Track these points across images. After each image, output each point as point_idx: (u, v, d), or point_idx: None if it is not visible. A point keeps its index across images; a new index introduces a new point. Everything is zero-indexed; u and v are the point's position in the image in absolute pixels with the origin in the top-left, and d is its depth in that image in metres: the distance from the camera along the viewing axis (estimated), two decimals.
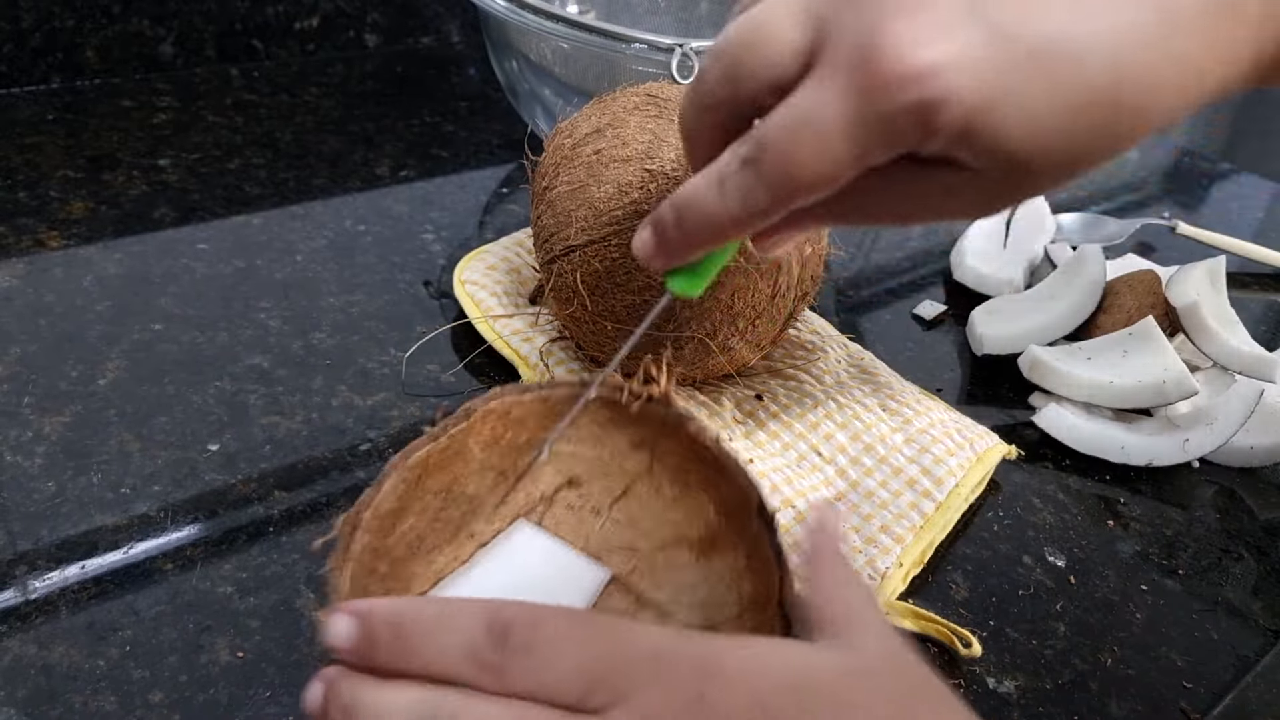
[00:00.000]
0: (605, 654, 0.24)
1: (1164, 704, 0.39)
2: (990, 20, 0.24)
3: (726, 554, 0.35)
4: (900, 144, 0.25)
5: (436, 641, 0.25)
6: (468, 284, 0.54)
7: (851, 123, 0.24)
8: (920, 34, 0.23)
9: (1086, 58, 0.23)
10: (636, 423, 0.37)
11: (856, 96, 0.24)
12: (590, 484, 0.38)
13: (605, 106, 0.47)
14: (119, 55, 0.74)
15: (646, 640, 0.25)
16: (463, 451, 0.37)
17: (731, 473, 0.34)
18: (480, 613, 0.25)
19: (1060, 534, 0.46)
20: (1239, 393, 0.52)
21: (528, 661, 0.24)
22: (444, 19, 0.89)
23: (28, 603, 0.36)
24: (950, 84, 0.23)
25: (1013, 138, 0.24)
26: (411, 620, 0.25)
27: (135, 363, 0.48)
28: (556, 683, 0.24)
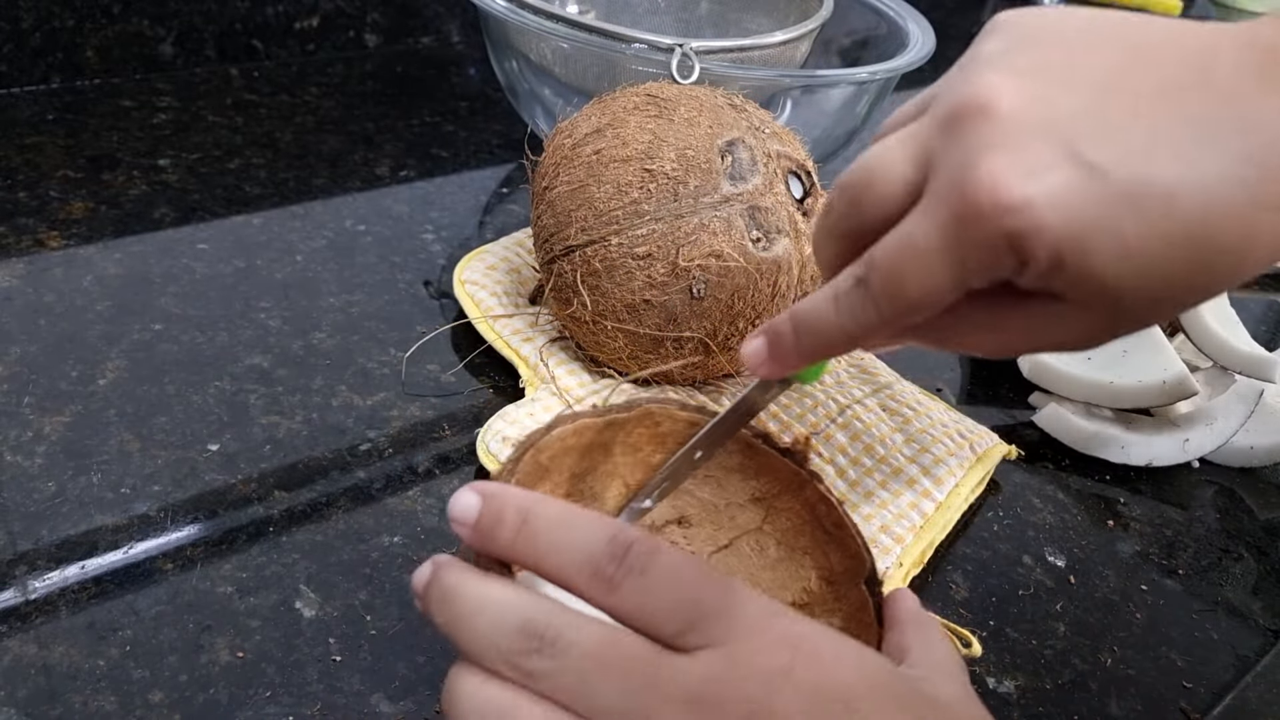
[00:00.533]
0: (712, 598, 0.25)
1: (1164, 704, 0.39)
2: (1087, 161, 0.25)
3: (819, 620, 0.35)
4: (996, 270, 0.26)
5: (560, 539, 0.26)
6: (468, 284, 0.54)
7: (949, 248, 0.26)
8: (1015, 169, 0.25)
9: (1177, 197, 0.24)
10: (761, 475, 0.38)
11: (954, 224, 0.26)
12: (699, 527, 0.39)
13: (605, 106, 0.47)
14: (119, 55, 0.74)
15: (754, 601, 0.26)
16: (608, 447, 0.38)
17: (847, 539, 0.35)
18: (605, 526, 0.26)
19: (1060, 534, 0.46)
20: (1239, 393, 0.52)
21: (640, 582, 0.25)
22: (444, 19, 0.89)
23: (28, 603, 0.36)
24: (1041, 217, 0.25)
25: (1105, 270, 0.25)
26: (538, 514, 0.26)
27: (135, 363, 0.48)
28: (660, 611, 0.25)
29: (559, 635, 0.24)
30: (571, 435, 0.36)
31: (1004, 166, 0.25)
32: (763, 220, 0.44)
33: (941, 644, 0.31)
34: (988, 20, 0.29)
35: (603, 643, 0.24)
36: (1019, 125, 0.26)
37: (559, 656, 0.24)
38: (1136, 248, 0.25)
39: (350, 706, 0.34)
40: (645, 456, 0.39)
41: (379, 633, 0.37)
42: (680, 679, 0.24)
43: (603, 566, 0.25)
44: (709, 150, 0.44)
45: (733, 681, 0.24)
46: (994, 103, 0.26)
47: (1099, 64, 0.27)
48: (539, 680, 0.24)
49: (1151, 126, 0.25)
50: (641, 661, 0.24)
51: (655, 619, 0.25)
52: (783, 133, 0.48)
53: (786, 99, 0.66)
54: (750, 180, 0.44)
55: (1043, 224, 0.25)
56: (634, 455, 0.39)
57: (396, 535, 0.41)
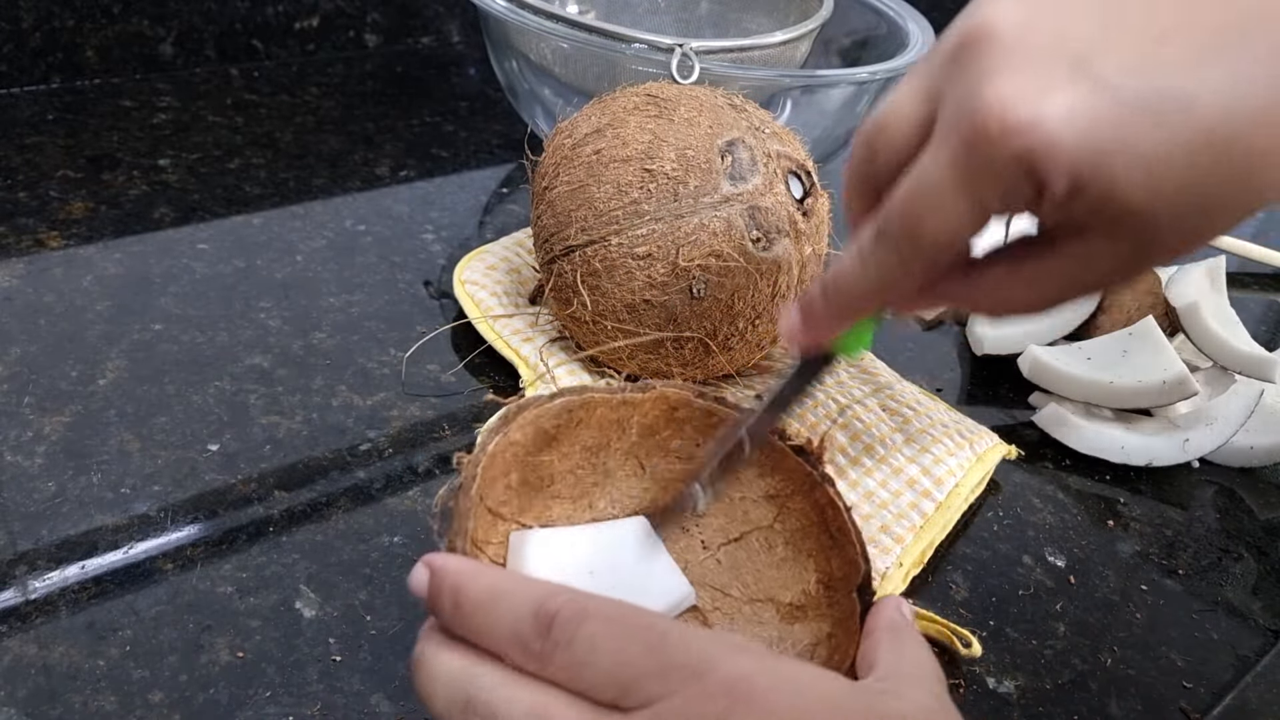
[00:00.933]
0: (642, 659, 0.25)
1: (1164, 704, 0.39)
2: (1094, 74, 0.24)
3: (811, 623, 0.36)
4: (1013, 198, 0.25)
5: (487, 618, 0.26)
6: (468, 284, 0.54)
7: (962, 180, 0.25)
8: (1022, 90, 0.24)
9: (1195, 101, 0.23)
10: (778, 474, 0.38)
11: (965, 154, 0.25)
12: (711, 518, 0.40)
13: (605, 106, 0.47)
14: (119, 55, 0.73)
15: (687, 649, 0.25)
16: (623, 425, 0.38)
17: (848, 544, 0.35)
18: (530, 598, 0.26)
19: (1060, 534, 0.46)
20: (1239, 393, 0.52)
21: (567, 655, 0.25)
22: (444, 19, 0.89)
23: (28, 603, 0.36)
24: (1052, 135, 0.24)
25: (1129, 188, 0.24)
26: (466, 595, 0.27)
27: (135, 363, 0.48)
28: (593, 680, 0.25)
29: (491, 710, 0.25)
30: (580, 407, 0.37)
31: (1011, 88, 0.24)
32: (763, 220, 0.44)
33: (913, 652, 0.31)
34: None
35: (533, 713, 0.25)
36: (1024, 45, 0.25)
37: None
38: (1158, 163, 0.23)
39: (350, 706, 0.34)
40: (663, 440, 0.39)
41: (379, 633, 0.37)
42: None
43: (530, 643, 0.25)
44: (709, 150, 0.44)
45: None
46: (996, 27, 0.25)
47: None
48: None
49: (1164, 33, 0.24)
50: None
51: (590, 689, 0.25)
52: (783, 133, 0.48)
53: (786, 99, 0.66)
54: (750, 180, 0.44)
55: (1056, 142, 0.24)
56: (651, 438, 0.39)
57: (396, 535, 0.41)
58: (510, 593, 0.26)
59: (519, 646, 0.25)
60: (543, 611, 0.25)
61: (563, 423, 0.37)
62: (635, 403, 0.38)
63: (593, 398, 0.37)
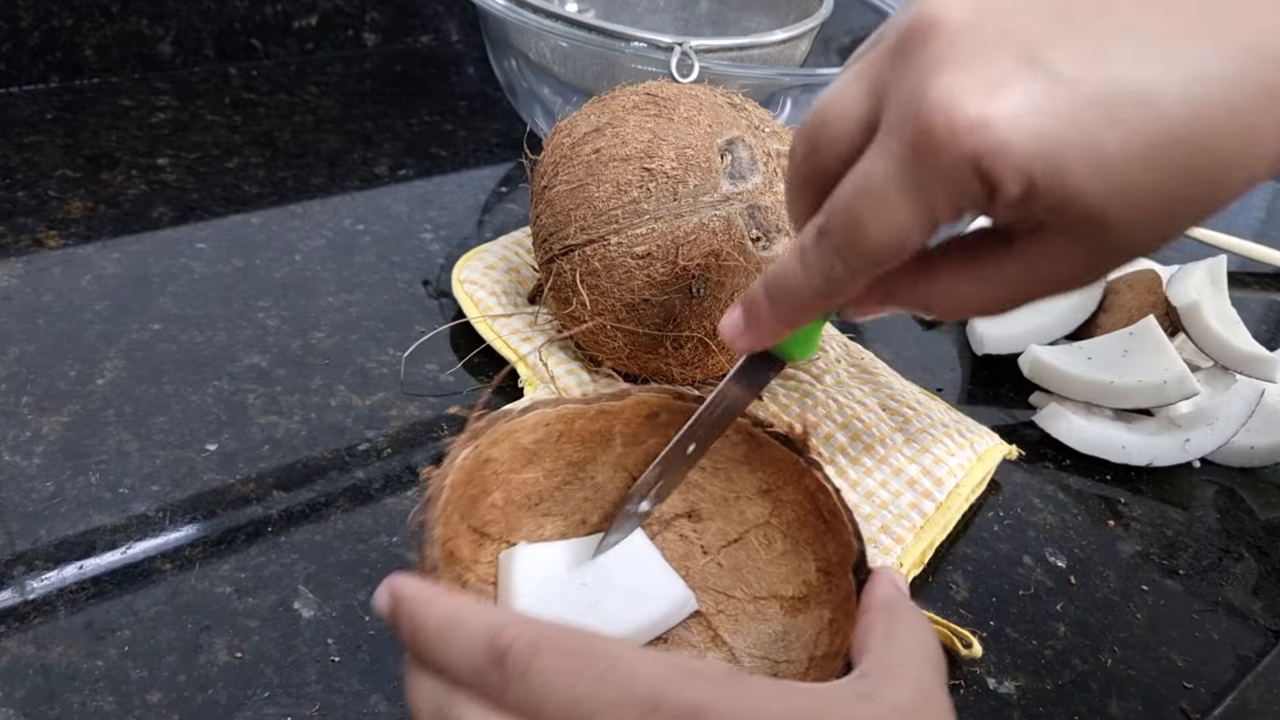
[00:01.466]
0: (595, 694, 0.24)
1: (1164, 704, 0.39)
2: (1048, 69, 0.22)
3: (814, 612, 0.36)
4: (963, 201, 0.24)
5: (443, 648, 0.26)
6: (466, 283, 0.54)
7: (908, 183, 0.24)
8: (970, 87, 0.22)
9: (1157, 97, 0.22)
10: (768, 467, 0.38)
11: (910, 155, 0.24)
12: (709, 521, 0.40)
13: (604, 105, 0.47)
14: (117, 54, 0.73)
15: (640, 680, 0.24)
16: (608, 437, 0.38)
17: (841, 525, 0.35)
18: (483, 629, 0.25)
19: (1060, 534, 0.46)
20: (1239, 393, 0.52)
21: (522, 688, 0.24)
22: (443, 18, 0.89)
23: (26, 603, 0.36)
24: (1003, 134, 0.22)
25: (1085, 187, 0.22)
26: (421, 626, 0.26)
27: (134, 362, 0.48)
28: (548, 713, 0.24)
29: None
30: (557, 421, 0.36)
31: (958, 84, 0.22)
32: (762, 219, 0.44)
33: (907, 637, 0.29)
34: None
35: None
36: (972, 38, 0.23)
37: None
38: (1118, 160, 0.22)
39: (349, 707, 0.34)
40: (650, 448, 0.39)
41: (378, 633, 0.37)
42: None
43: (487, 675, 0.25)
44: (708, 149, 0.44)
45: None
46: (943, 17, 0.23)
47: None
48: None
49: (1124, 26, 0.22)
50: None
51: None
52: (782, 131, 0.48)
53: (786, 98, 0.66)
54: (750, 179, 0.44)
55: (1006, 142, 0.22)
56: (637, 447, 0.39)
57: (395, 535, 0.41)
58: (463, 622, 0.26)
59: (476, 678, 0.25)
60: (496, 644, 0.25)
61: (541, 437, 0.36)
62: (614, 411, 0.37)
63: (568, 409, 0.36)
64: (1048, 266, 0.25)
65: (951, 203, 0.24)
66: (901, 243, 0.25)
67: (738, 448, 0.39)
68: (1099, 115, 0.22)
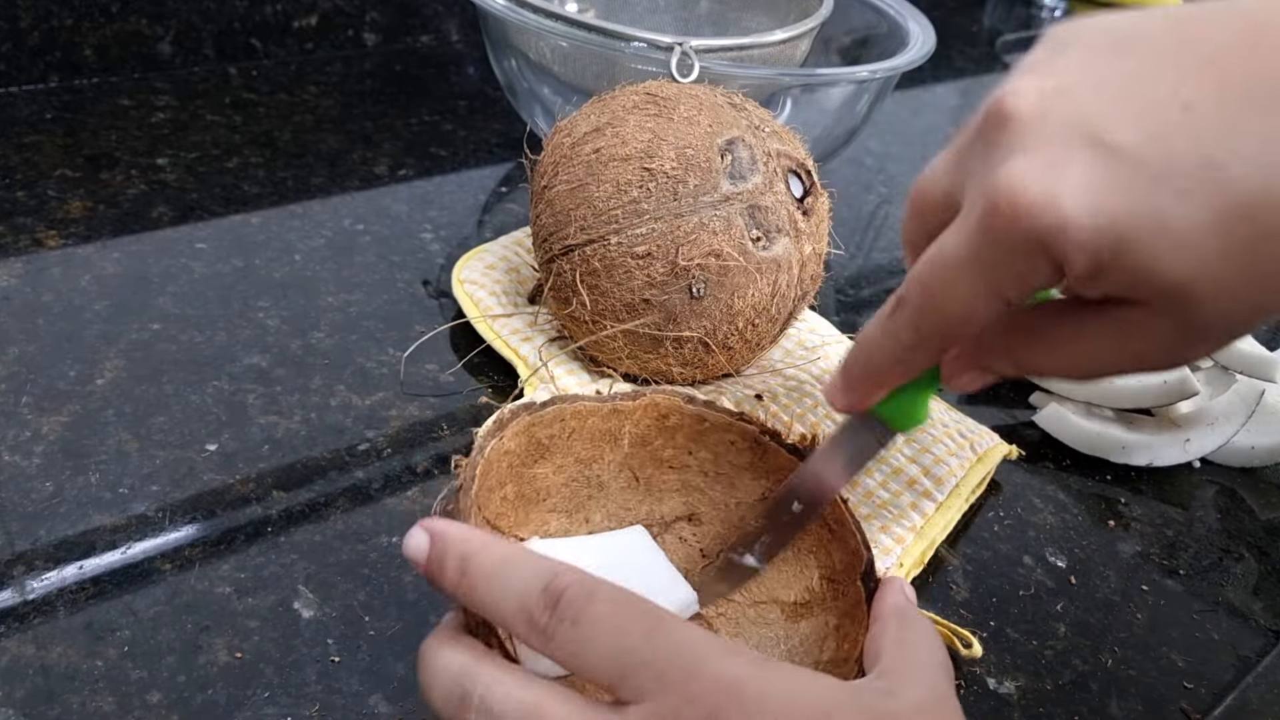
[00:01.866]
0: (639, 649, 0.25)
1: (1164, 704, 0.39)
2: (1112, 147, 0.23)
3: (816, 619, 0.36)
4: (1032, 278, 0.25)
5: (495, 588, 0.26)
6: (466, 283, 0.54)
7: (976, 259, 0.25)
8: (1035, 169, 0.23)
9: (1225, 167, 0.22)
10: (771, 475, 0.38)
11: (980, 233, 0.25)
12: (709, 525, 0.40)
13: (604, 105, 0.47)
14: (117, 54, 0.73)
15: (681, 645, 0.25)
16: (617, 436, 0.38)
17: (848, 534, 0.35)
18: (540, 572, 0.26)
19: (1061, 534, 0.46)
20: (1240, 393, 0.52)
21: (573, 632, 0.25)
22: (443, 18, 0.89)
23: (25, 603, 0.36)
24: (1066, 213, 0.23)
25: (1160, 264, 0.23)
26: (477, 562, 0.26)
27: (133, 362, 0.48)
28: (593, 662, 0.25)
29: (486, 706, 0.25)
30: (572, 417, 0.37)
31: (1023, 168, 0.24)
32: (762, 219, 0.44)
33: (919, 643, 0.30)
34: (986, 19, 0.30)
35: (525, 708, 0.25)
36: (1040, 123, 0.24)
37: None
38: (1190, 233, 0.22)
39: (349, 707, 0.34)
40: (655, 450, 0.39)
41: (378, 633, 0.37)
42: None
43: (537, 616, 0.25)
44: (709, 149, 0.44)
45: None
46: (1015, 106, 0.25)
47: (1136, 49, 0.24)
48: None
49: (1188, 102, 0.23)
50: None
51: (589, 668, 0.25)
52: (783, 131, 0.48)
53: (786, 98, 0.66)
54: (750, 179, 0.44)
55: (1069, 220, 0.23)
56: (644, 448, 0.39)
57: (395, 535, 0.41)
58: (521, 564, 0.26)
59: (525, 618, 0.25)
60: (552, 587, 0.25)
61: (555, 433, 0.36)
62: (626, 411, 0.38)
63: (584, 406, 0.37)
64: (1138, 339, 0.26)
65: (1018, 280, 0.25)
66: (968, 316, 0.27)
67: (743, 454, 0.39)
68: (1165, 190, 0.22)
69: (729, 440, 0.39)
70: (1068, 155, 0.23)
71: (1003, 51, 1.10)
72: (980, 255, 0.25)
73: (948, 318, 0.27)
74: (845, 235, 0.69)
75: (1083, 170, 0.23)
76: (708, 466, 0.39)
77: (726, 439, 0.39)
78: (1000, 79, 0.27)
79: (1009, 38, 1.14)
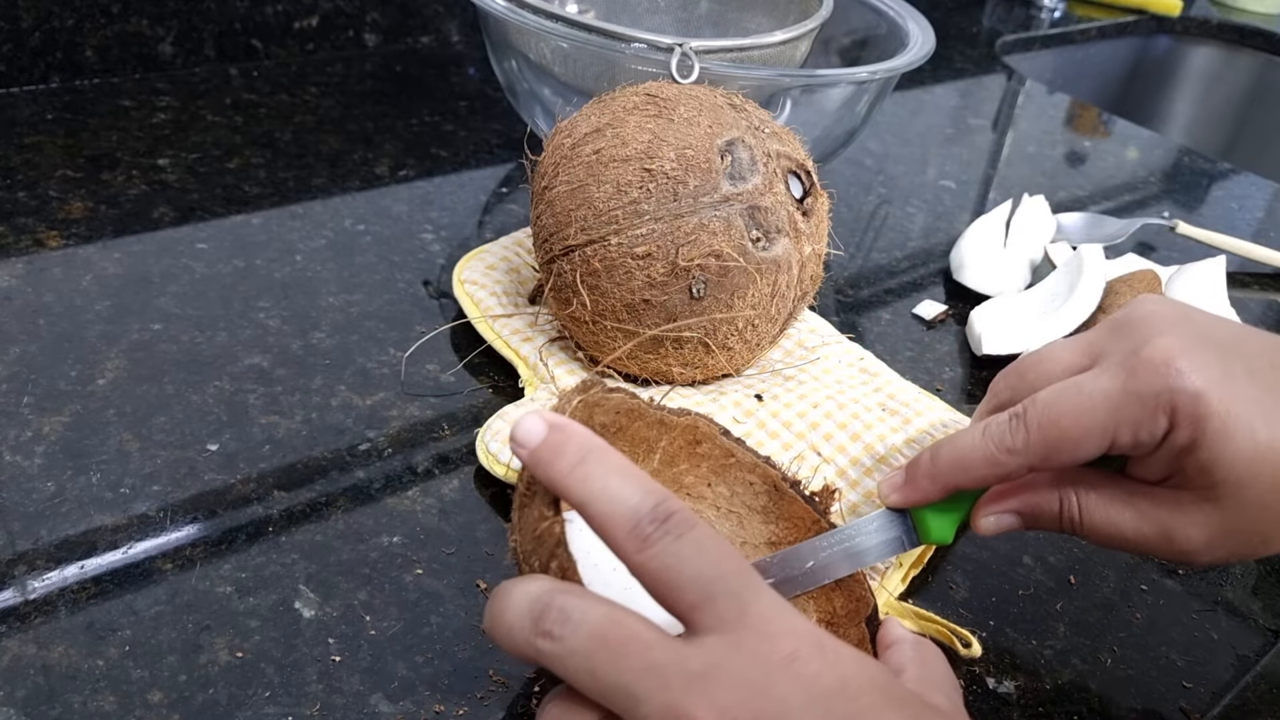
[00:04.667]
0: (734, 581, 0.26)
1: (1164, 704, 0.39)
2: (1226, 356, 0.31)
3: None
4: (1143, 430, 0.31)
5: (611, 487, 0.27)
6: (467, 284, 0.54)
7: (1115, 390, 0.31)
8: (1178, 347, 0.31)
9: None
10: (783, 521, 0.39)
11: (1124, 374, 0.31)
12: None
13: (604, 106, 0.47)
14: (118, 55, 0.73)
15: (770, 595, 0.27)
16: (651, 447, 0.39)
17: (854, 584, 0.37)
18: (657, 489, 0.27)
19: (1060, 534, 0.46)
20: None
21: (672, 546, 0.26)
22: (443, 18, 0.89)
23: (27, 603, 0.36)
24: (1195, 382, 0.30)
25: (1229, 457, 0.30)
26: (599, 458, 0.27)
27: (134, 362, 0.48)
28: (684, 578, 0.26)
29: (567, 617, 0.25)
30: (626, 414, 0.37)
31: (1172, 344, 0.31)
32: (762, 220, 0.44)
33: (937, 664, 0.32)
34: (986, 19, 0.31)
35: (607, 621, 0.25)
36: (1182, 327, 0.32)
37: (568, 637, 0.25)
38: (1265, 445, 0.29)
39: (349, 707, 0.34)
40: (679, 474, 0.40)
41: (378, 633, 0.37)
42: (682, 663, 0.25)
43: (643, 524, 0.26)
44: (709, 150, 0.44)
45: (735, 667, 0.25)
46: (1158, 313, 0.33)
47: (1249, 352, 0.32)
48: (552, 663, 0.25)
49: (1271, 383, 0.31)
50: (644, 644, 0.25)
51: (677, 585, 0.26)
52: (782, 132, 0.48)
53: (786, 98, 0.66)
54: (750, 180, 0.44)
55: (1200, 391, 0.30)
56: (670, 468, 0.39)
57: (396, 535, 0.41)
58: (639, 476, 0.27)
59: (630, 522, 0.26)
60: (665, 504, 0.26)
61: (609, 423, 0.37)
62: (669, 424, 0.39)
63: (637, 406, 0.37)
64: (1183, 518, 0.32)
65: (1135, 425, 0.31)
66: (1085, 435, 0.32)
67: (759, 497, 0.39)
68: (1259, 410, 0.30)
69: (749, 480, 0.40)
70: (1201, 351, 0.31)
71: (1002, 52, 1.10)
72: (1121, 388, 0.31)
73: (1063, 432, 0.32)
74: (845, 236, 0.69)
75: (1215, 371, 0.30)
76: (721, 502, 0.40)
77: (747, 479, 0.40)
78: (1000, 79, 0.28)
79: (1009, 38, 1.14)
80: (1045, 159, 0.86)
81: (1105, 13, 1.29)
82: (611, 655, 0.25)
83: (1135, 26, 1.30)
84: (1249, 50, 1.29)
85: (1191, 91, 1.34)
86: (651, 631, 0.25)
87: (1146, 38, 1.32)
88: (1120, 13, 1.29)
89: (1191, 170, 0.89)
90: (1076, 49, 1.25)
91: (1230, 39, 1.29)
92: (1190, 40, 1.32)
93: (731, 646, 0.25)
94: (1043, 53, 1.20)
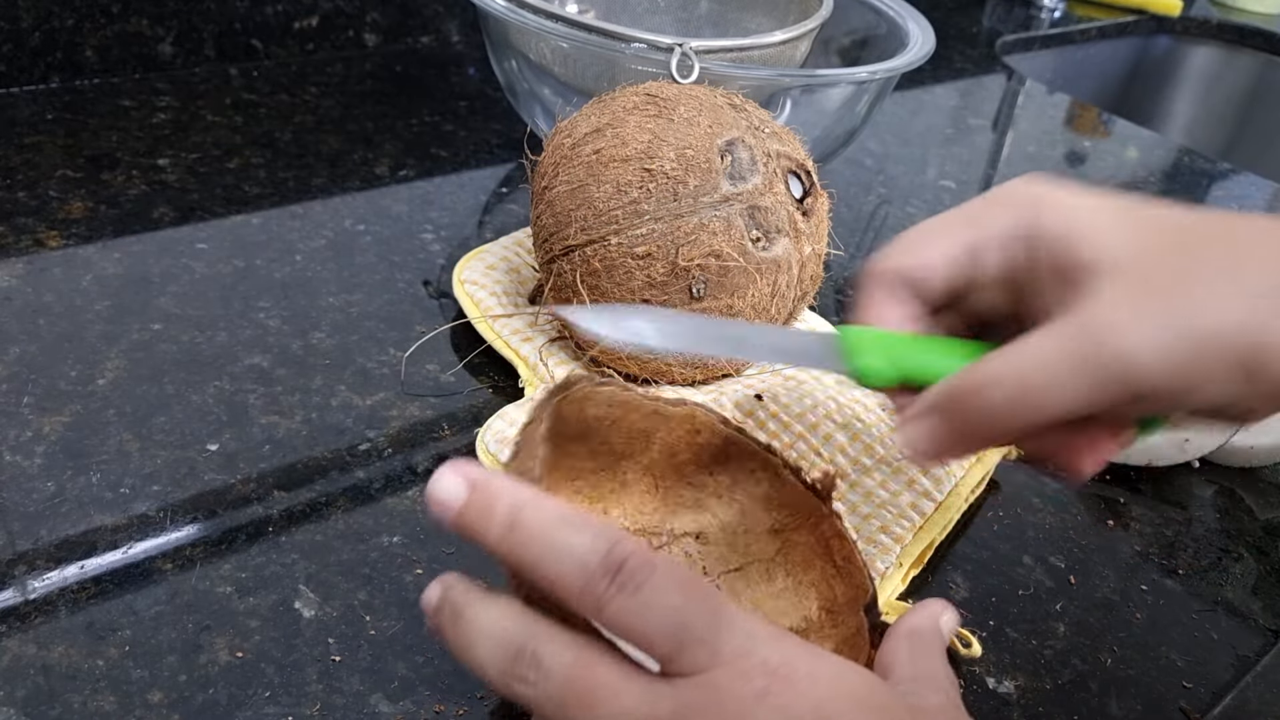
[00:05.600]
0: (700, 624, 0.25)
1: (1164, 704, 0.39)
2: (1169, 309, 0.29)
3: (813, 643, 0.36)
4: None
5: (553, 542, 0.25)
6: (467, 284, 0.54)
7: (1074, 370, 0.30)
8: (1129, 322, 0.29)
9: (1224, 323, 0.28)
10: (784, 509, 0.39)
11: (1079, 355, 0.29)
12: (714, 546, 0.40)
13: (604, 106, 0.47)
14: (118, 55, 0.73)
15: (740, 626, 0.26)
16: (649, 438, 0.39)
17: (854, 571, 0.36)
18: (602, 536, 0.25)
19: (1060, 534, 0.46)
20: None
21: (631, 602, 0.24)
22: (443, 18, 0.89)
23: (27, 602, 0.36)
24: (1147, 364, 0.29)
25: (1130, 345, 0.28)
26: (532, 516, 0.25)
27: (134, 362, 0.48)
28: (650, 633, 0.25)
29: (538, 663, 0.25)
30: (619, 405, 0.37)
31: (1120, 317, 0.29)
32: (762, 220, 0.44)
33: (933, 658, 0.32)
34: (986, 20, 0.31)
35: (577, 666, 0.25)
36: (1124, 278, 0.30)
37: (540, 683, 0.25)
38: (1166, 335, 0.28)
39: (349, 707, 0.34)
40: (679, 464, 0.39)
41: (378, 633, 0.37)
42: (651, 707, 0.24)
43: (595, 582, 0.24)
44: (709, 150, 0.44)
45: (708, 708, 0.24)
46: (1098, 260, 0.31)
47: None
48: (527, 705, 0.25)
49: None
50: (610, 692, 0.24)
51: (644, 639, 0.25)
52: (782, 132, 0.48)
53: (786, 98, 0.66)
54: (750, 180, 0.44)
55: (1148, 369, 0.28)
56: (670, 458, 0.39)
57: (396, 535, 0.41)
58: (581, 525, 0.25)
59: (582, 582, 0.24)
60: (616, 552, 0.24)
61: (602, 415, 0.37)
62: (666, 415, 0.38)
63: (631, 398, 0.37)
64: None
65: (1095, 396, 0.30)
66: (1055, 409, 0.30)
67: (760, 485, 0.39)
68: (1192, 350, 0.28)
69: (750, 469, 0.40)
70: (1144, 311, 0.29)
71: (1002, 52, 1.10)
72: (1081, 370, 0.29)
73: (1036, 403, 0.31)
74: (845, 236, 0.69)
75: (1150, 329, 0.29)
76: (723, 491, 0.40)
77: (748, 467, 0.40)
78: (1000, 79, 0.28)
79: (1009, 38, 1.14)
80: (1045, 159, 0.86)
81: (1105, 13, 1.29)
82: (581, 704, 0.24)
83: (1135, 26, 1.30)
84: (1249, 50, 1.29)
85: (1191, 92, 1.34)
86: (620, 677, 0.25)
87: (1146, 38, 1.32)
88: (1120, 13, 1.29)
89: (1191, 170, 0.89)
90: (1076, 49, 1.25)
91: (1230, 39, 1.29)
92: (1190, 40, 1.32)
93: (702, 688, 0.25)
94: (1043, 53, 1.20)
